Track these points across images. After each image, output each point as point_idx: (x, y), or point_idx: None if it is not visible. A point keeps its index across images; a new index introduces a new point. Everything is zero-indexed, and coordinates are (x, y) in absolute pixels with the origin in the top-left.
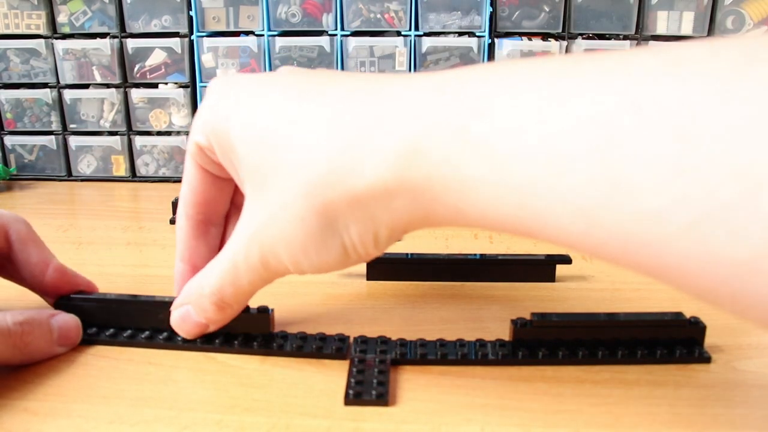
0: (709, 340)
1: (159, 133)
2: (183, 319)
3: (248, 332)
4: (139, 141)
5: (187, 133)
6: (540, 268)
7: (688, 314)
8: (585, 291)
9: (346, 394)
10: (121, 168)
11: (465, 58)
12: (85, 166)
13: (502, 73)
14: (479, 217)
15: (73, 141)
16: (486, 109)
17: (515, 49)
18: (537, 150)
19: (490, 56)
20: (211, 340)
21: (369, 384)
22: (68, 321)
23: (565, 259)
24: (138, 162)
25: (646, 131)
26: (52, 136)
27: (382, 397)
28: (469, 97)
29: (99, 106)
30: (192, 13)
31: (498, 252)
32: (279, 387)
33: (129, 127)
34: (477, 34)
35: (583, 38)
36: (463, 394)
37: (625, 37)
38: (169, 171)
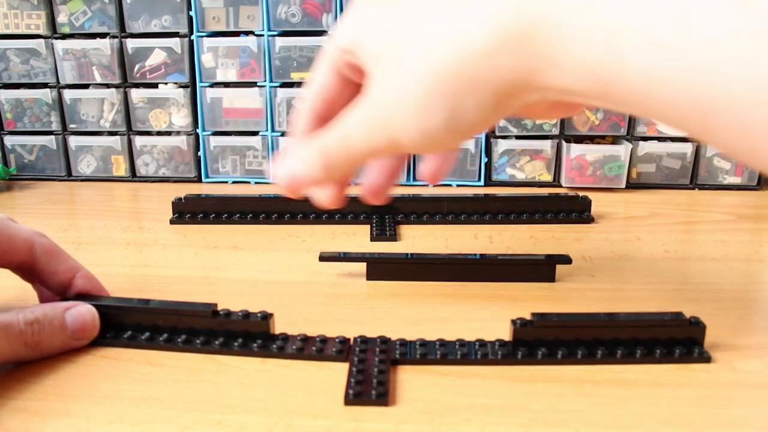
0: (709, 340)
1: (159, 133)
2: (287, 173)
3: (249, 332)
4: (139, 141)
5: (187, 133)
6: (540, 268)
7: (688, 314)
8: (585, 291)
9: (346, 394)
10: (121, 168)
11: None
12: (85, 166)
13: None
14: (570, 68)
15: (73, 141)
16: None
17: None
18: None
19: None
20: (211, 342)
21: (369, 384)
22: (84, 314)
23: (565, 259)
24: (138, 162)
25: None
26: (52, 136)
27: (382, 397)
28: None
29: (99, 106)
30: (192, 13)
31: (498, 252)
32: (279, 387)
33: (129, 127)
34: None
35: None
36: (463, 394)
37: None
38: (169, 171)
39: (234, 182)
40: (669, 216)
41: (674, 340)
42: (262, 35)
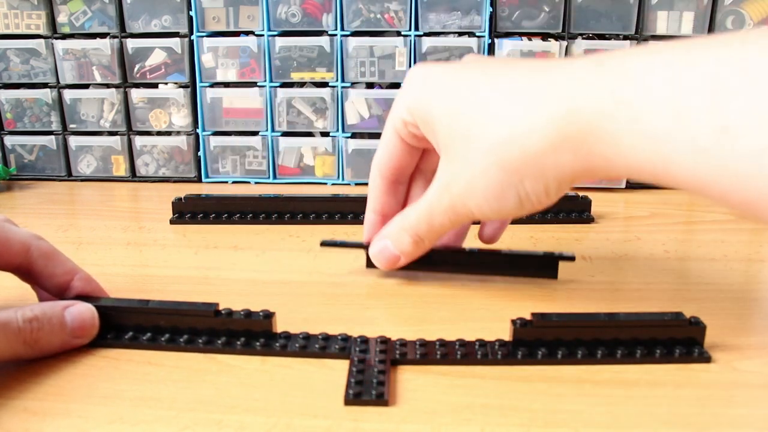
0: (709, 340)
1: (159, 133)
2: (381, 251)
3: (251, 331)
4: (139, 141)
5: (187, 133)
6: (544, 264)
7: (688, 314)
8: (585, 291)
9: (346, 394)
10: (121, 168)
11: None
12: (85, 166)
13: (640, 51)
14: (624, 165)
15: (73, 141)
16: (630, 75)
17: (515, 49)
18: (667, 104)
19: (490, 56)
20: (213, 342)
21: (369, 384)
22: (83, 312)
23: (569, 257)
24: (138, 162)
25: (747, 89)
26: (52, 136)
27: (382, 397)
28: (616, 67)
29: (99, 106)
30: (192, 13)
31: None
32: (279, 387)
33: (129, 127)
34: (477, 34)
35: (583, 38)
36: (463, 394)
37: (625, 37)
38: (169, 171)
39: (234, 182)
40: (669, 216)
41: (674, 340)
42: (262, 35)
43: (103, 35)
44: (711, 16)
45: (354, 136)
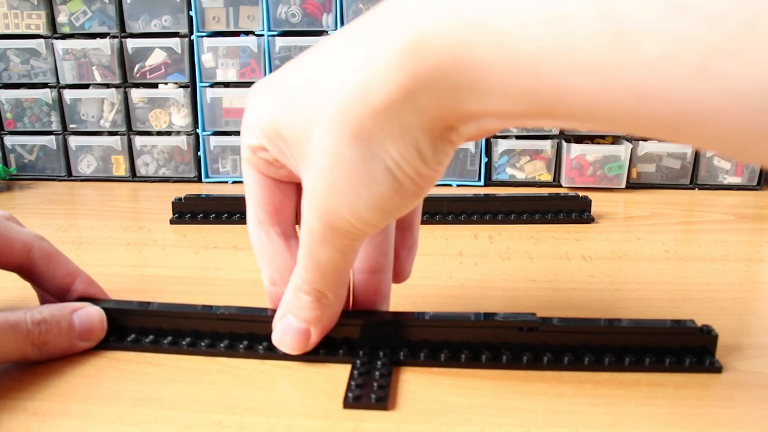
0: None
1: (159, 133)
2: (284, 332)
3: (254, 334)
4: (139, 141)
5: (187, 133)
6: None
7: (689, 314)
8: (585, 291)
9: (346, 397)
10: (121, 168)
11: None
12: (85, 166)
13: None
14: (500, 99)
15: (73, 141)
16: None
17: None
18: (536, 15)
19: None
20: (215, 344)
21: (369, 387)
22: (91, 315)
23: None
24: (138, 162)
25: None
26: (52, 136)
27: (382, 401)
28: None
29: (99, 106)
30: (192, 13)
31: (499, 251)
32: (279, 387)
33: (129, 127)
34: None
35: None
36: (463, 394)
37: None
38: (169, 171)
39: (234, 182)
40: (669, 216)
41: (685, 348)
42: (262, 35)
43: (103, 35)
44: None
45: None
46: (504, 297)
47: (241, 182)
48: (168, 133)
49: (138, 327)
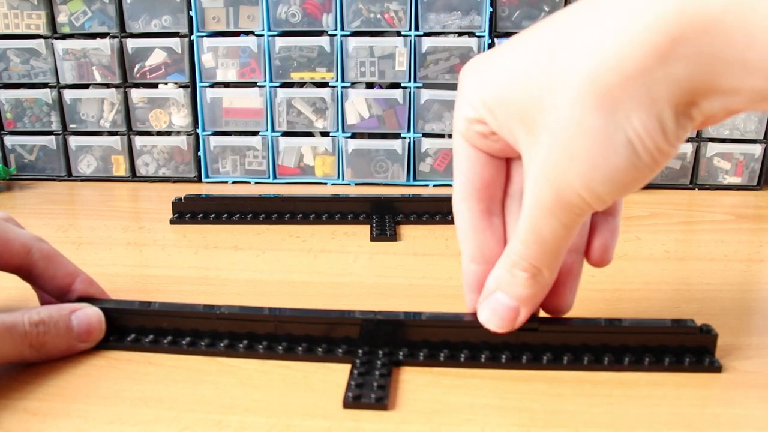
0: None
1: (159, 133)
2: (493, 310)
3: (254, 333)
4: (139, 141)
5: (187, 133)
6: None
7: (689, 314)
8: (585, 291)
9: (345, 397)
10: (121, 168)
11: (465, 58)
12: (85, 166)
13: None
14: (763, 64)
15: (73, 141)
16: None
17: None
18: None
19: None
20: (215, 344)
21: (369, 387)
22: (90, 316)
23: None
24: (138, 162)
25: None
26: (52, 136)
27: (382, 401)
28: None
29: (99, 106)
30: (192, 13)
31: None
32: (279, 387)
33: (129, 127)
34: (477, 34)
35: None
36: (463, 394)
37: None
38: (169, 171)
39: (234, 182)
40: (669, 216)
41: (684, 348)
42: (262, 35)
43: (103, 35)
44: None
45: (354, 136)
46: None
47: (241, 182)
48: (168, 133)
49: (138, 327)
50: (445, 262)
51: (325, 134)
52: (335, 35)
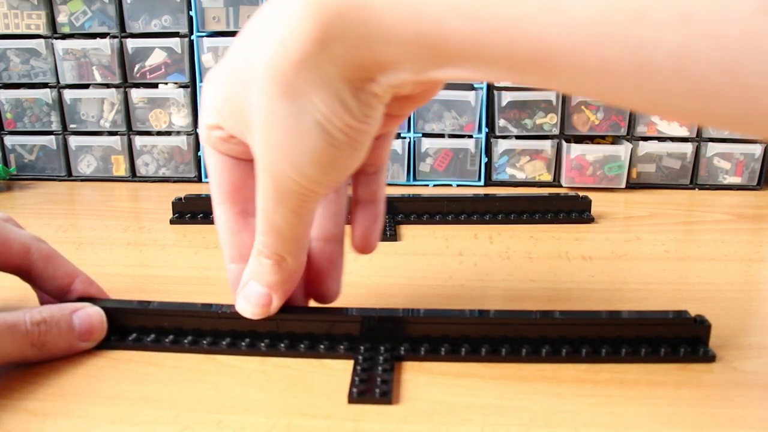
0: (710, 339)
1: (159, 133)
2: (247, 298)
3: (255, 332)
4: (139, 141)
5: (187, 133)
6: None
7: (690, 311)
8: (585, 291)
9: (350, 393)
10: (121, 168)
11: None
12: (85, 166)
13: None
14: (401, 46)
15: (73, 141)
16: None
17: None
18: None
19: None
20: (218, 343)
21: (372, 382)
22: (91, 315)
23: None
24: (138, 162)
25: None
26: (52, 136)
27: (386, 396)
28: None
29: (99, 106)
30: (192, 13)
31: (499, 251)
32: (279, 387)
33: (129, 127)
34: None
35: None
36: (463, 394)
37: None
38: (169, 171)
39: None
40: (669, 216)
41: (679, 338)
42: None
43: (103, 35)
44: None
45: None
46: (504, 297)
47: None
48: (168, 133)
49: (139, 326)
50: (445, 262)
51: None
52: None
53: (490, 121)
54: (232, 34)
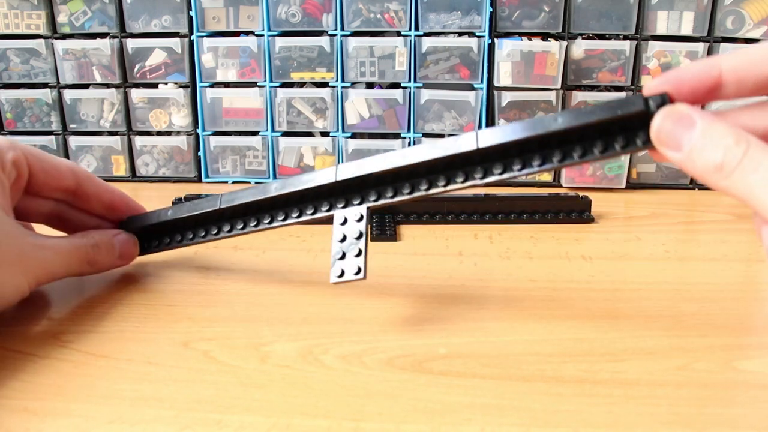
0: (709, 339)
1: (159, 133)
2: None
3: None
4: (139, 141)
5: (187, 133)
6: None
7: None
8: (585, 291)
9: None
10: (121, 168)
11: (465, 58)
12: (85, 166)
13: None
14: None
15: (73, 141)
16: None
17: (515, 49)
18: None
19: (490, 56)
20: (232, 228)
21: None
22: (128, 239)
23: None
24: (138, 162)
25: None
26: (52, 136)
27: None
28: None
29: (99, 106)
30: (192, 13)
31: (499, 251)
32: (279, 387)
33: (129, 127)
34: (477, 34)
35: (583, 38)
36: (463, 394)
37: (625, 37)
38: (168, 171)
39: (234, 182)
40: (669, 216)
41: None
42: (262, 35)
43: (103, 35)
44: (711, 16)
45: (354, 136)
46: (504, 297)
47: (241, 182)
48: (168, 133)
49: (164, 232)
50: (445, 262)
51: (325, 134)
52: (335, 35)
53: (490, 121)
54: (232, 34)
